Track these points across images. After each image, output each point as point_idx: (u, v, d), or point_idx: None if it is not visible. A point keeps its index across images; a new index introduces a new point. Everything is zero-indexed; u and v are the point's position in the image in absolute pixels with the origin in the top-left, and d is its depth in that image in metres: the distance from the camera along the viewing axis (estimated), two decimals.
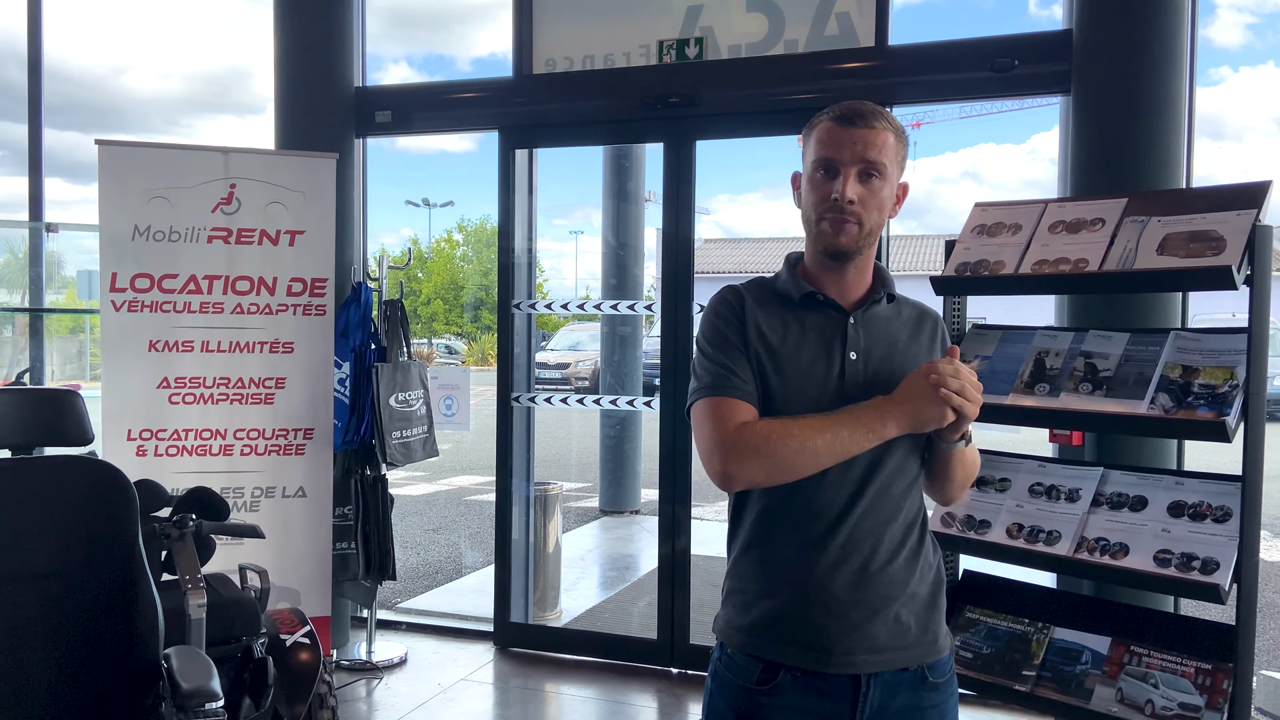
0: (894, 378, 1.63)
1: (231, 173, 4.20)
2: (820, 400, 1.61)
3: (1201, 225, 2.51)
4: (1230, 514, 2.47)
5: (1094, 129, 3.61)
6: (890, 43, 4.06)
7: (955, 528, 2.85)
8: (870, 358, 1.64)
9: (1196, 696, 2.45)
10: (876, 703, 1.61)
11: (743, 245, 32.58)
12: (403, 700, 4.13)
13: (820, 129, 1.63)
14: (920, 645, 1.64)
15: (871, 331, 1.66)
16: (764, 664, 1.63)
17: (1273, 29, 55.38)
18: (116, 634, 2.33)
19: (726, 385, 1.60)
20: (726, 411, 1.59)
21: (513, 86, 4.62)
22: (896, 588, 1.62)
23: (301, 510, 4.28)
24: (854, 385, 1.62)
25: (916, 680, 1.64)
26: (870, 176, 1.60)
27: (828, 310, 1.66)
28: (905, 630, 1.62)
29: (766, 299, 1.69)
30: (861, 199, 1.59)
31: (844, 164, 1.59)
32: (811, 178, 1.63)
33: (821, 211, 1.61)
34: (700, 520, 4.59)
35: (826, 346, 1.64)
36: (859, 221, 1.60)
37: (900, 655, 1.62)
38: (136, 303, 4.10)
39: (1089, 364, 2.70)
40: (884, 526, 1.62)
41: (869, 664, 1.60)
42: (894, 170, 1.63)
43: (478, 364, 25.35)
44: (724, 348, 1.63)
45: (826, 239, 1.62)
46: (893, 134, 1.62)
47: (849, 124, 1.59)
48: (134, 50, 69.99)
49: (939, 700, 1.67)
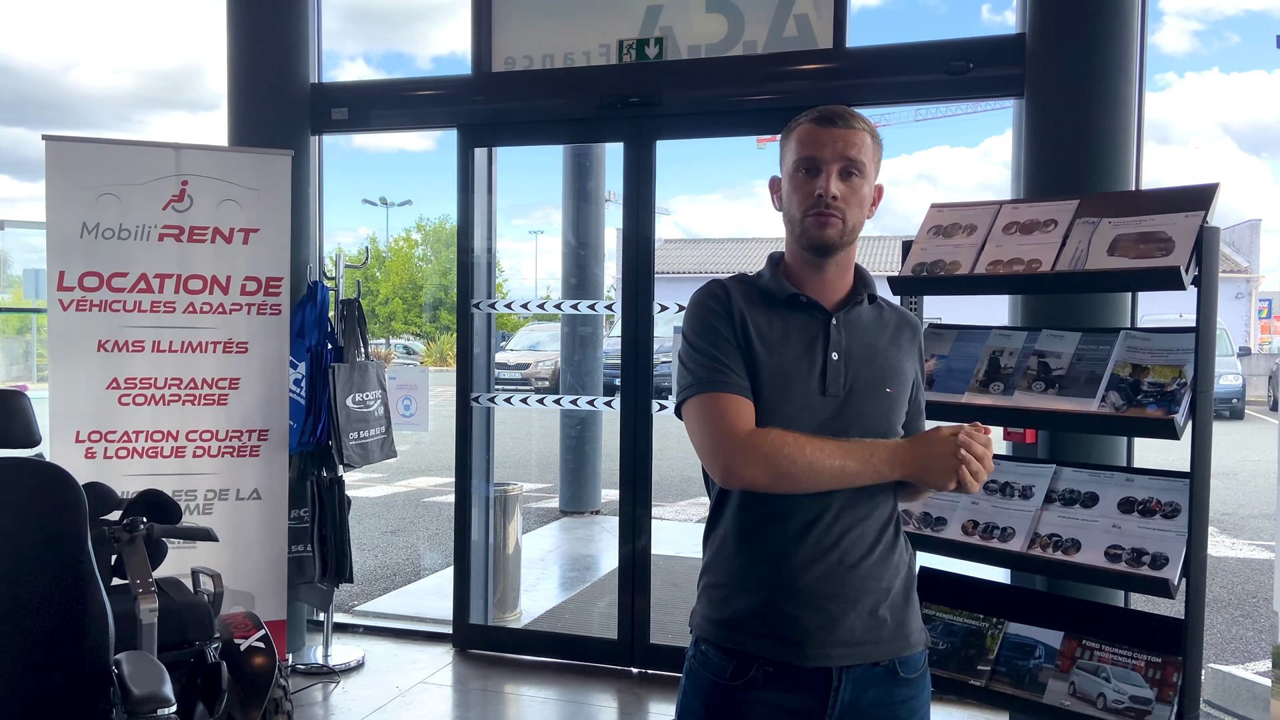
0: (874, 378, 1.67)
1: (183, 169, 4.13)
2: (802, 398, 1.63)
3: (1151, 226, 2.56)
4: (1179, 510, 2.52)
5: (1046, 131, 3.66)
6: (848, 45, 4.09)
7: (912, 525, 2.88)
8: (851, 358, 1.67)
9: (1147, 689, 2.50)
10: (848, 697, 1.63)
11: (702, 245, 32.71)
12: (360, 704, 4.09)
13: (801, 130, 1.67)
14: (895, 639, 1.67)
15: (853, 332, 1.69)
16: (737, 659, 1.65)
17: (1217, 36, 56.64)
18: (66, 639, 2.28)
19: (724, 381, 1.62)
20: (731, 410, 1.60)
21: (472, 84, 4.60)
22: (872, 582, 1.65)
23: (256, 513, 4.22)
24: (835, 384, 1.65)
25: (888, 675, 1.66)
26: (851, 174, 1.64)
27: (811, 310, 1.69)
28: (881, 624, 1.65)
29: (751, 296, 1.71)
30: (844, 195, 1.64)
31: (826, 162, 1.63)
32: (794, 177, 1.67)
33: (806, 208, 1.65)
34: (661, 520, 4.60)
35: (809, 346, 1.66)
36: (842, 217, 1.64)
37: (874, 649, 1.64)
38: (85, 302, 4.02)
39: (1042, 363, 2.75)
40: (861, 522, 1.64)
41: (842, 657, 1.62)
42: (872, 170, 1.68)
43: (436, 364, 25.18)
44: (715, 340, 1.65)
45: (811, 233, 1.65)
46: (869, 135, 1.67)
47: (829, 124, 1.64)
48: (84, 46, 68.74)
49: (910, 695, 1.69)
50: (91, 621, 2.31)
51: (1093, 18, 3.59)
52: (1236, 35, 55.03)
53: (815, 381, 1.64)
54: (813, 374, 1.64)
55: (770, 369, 1.64)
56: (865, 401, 1.66)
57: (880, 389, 1.68)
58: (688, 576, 1.80)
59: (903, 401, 1.72)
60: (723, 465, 1.60)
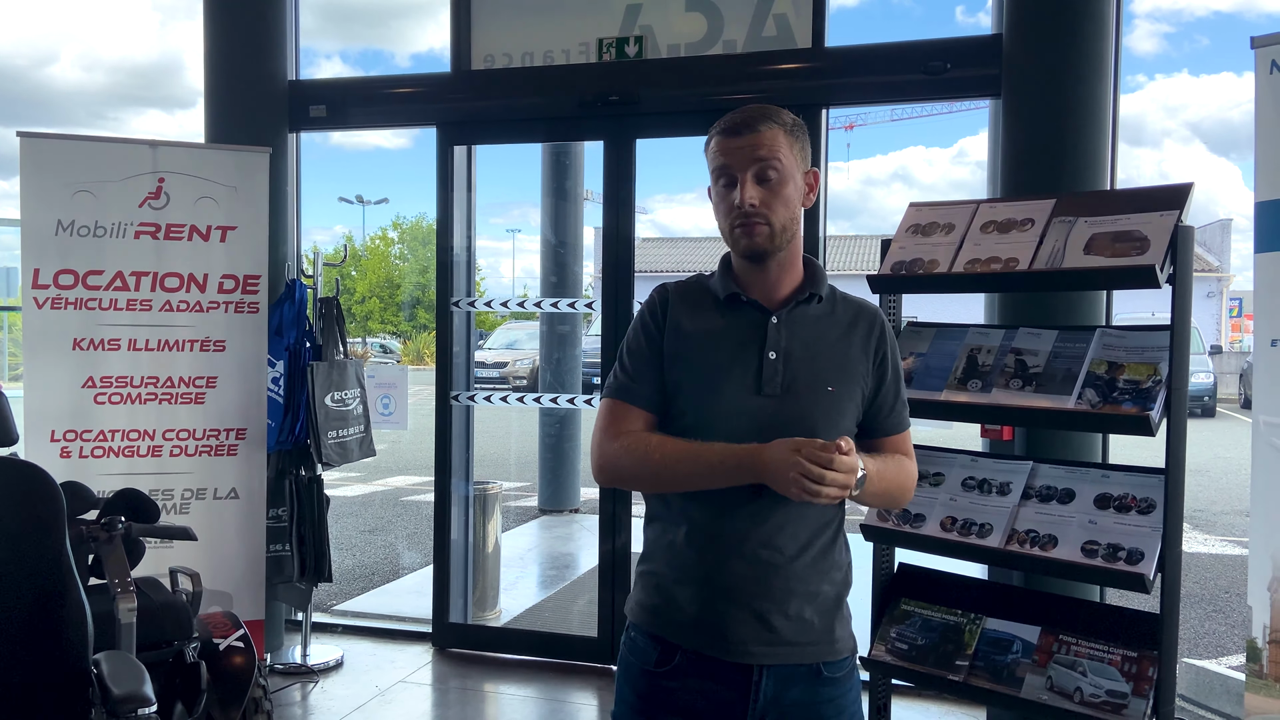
0: (816, 376, 1.66)
1: (160, 166, 4.09)
2: (736, 398, 1.64)
3: (1126, 225, 2.59)
4: (1154, 506, 2.55)
5: (1023, 131, 3.70)
6: (827, 44, 4.11)
7: (891, 522, 2.90)
8: (790, 357, 1.66)
9: (1123, 684, 2.53)
10: (770, 694, 1.64)
11: (680, 244, 32.75)
12: (339, 703, 4.07)
13: (713, 144, 1.68)
14: (822, 644, 1.67)
15: (794, 331, 1.68)
16: (662, 646, 1.67)
17: (1187, 38, 57.29)
18: (44, 639, 2.27)
19: (626, 391, 1.71)
20: (618, 416, 1.70)
21: (451, 82, 4.58)
22: (800, 583, 1.64)
23: (234, 512, 4.19)
24: (770, 383, 1.64)
25: (812, 675, 1.66)
26: (768, 177, 1.63)
27: (751, 310, 1.70)
28: (807, 627, 1.65)
29: (694, 297, 1.74)
30: (764, 200, 1.63)
31: (738, 169, 1.64)
32: (716, 189, 1.70)
33: (731, 220, 1.66)
34: (640, 518, 4.60)
35: (743, 345, 1.67)
36: (767, 222, 1.64)
37: (798, 650, 1.65)
38: (60, 300, 3.98)
39: (1019, 360, 2.77)
40: (791, 522, 1.64)
41: (764, 656, 1.63)
42: (792, 163, 1.66)
43: (414, 363, 25.08)
44: (636, 354, 1.72)
45: (741, 244, 1.67)
46: (782, 130, 1.65)
47: (735, 134, 1.65)
48: (58, 42, 67.97)
49: (837, 695, 1.69)
50: (70, 621, 2.29)
51: (1068, 19, 3.62)
52: (1206, 38, 55.74)
53: (750, 380, 1.64)
54: (747, 373, 1.65)
55: (702, 369, 1.66)
56: (804, 401, 1.64)
57: (822, 387, 1.65)
58: None
59: (850, 399, 1.68)
60: (594, 466, 1.73)
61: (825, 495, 1.49)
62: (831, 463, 1.48)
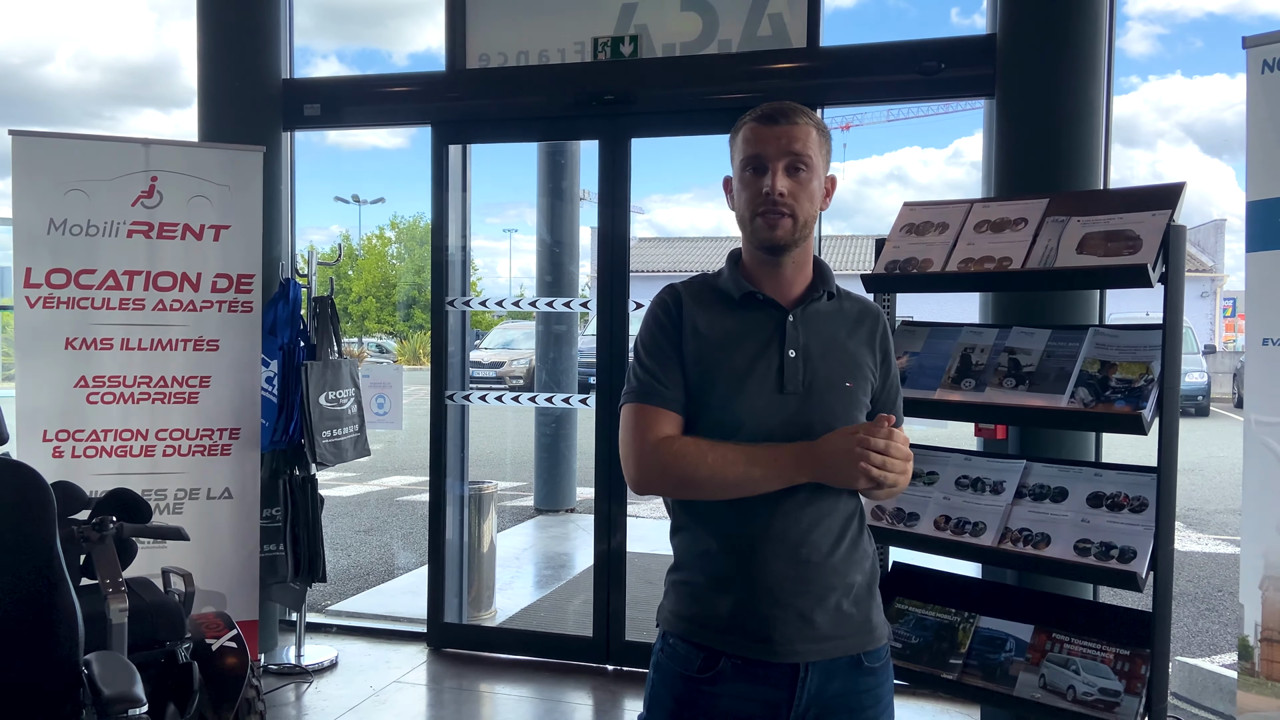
0: (834, 373, 1.66)
1: (153, 165, 4.08)
2: (760, 397, 1.63)
3: (1119, 225, 2.59)
4: (1146, 504, 2.55)
5: (1017, 131, 3.70)
6: (822, 44, 4.11)
7: (885, 520, 2.90)
8: (809, 355, 1.66)
9: (1116, 682, 2.53)
10: (814, 688, 1.64)
11: (677, 244, 32.76)
12: (334, 704, 4.06)
13: (745, 130, 1.68)
14: (861, 634, 1.68)
15: (811, 328, 1.69)
16: (706, 653, 1.66)
17: (1180, 40, 57.40)
18: (35, 639, 2.26)
19: (653, 394, 1.66)
20: (649, 421, 1.65)
21: (446, 81, 4.58)
22: (838, 577, 1.65)
23: (228, 512, 4.18)
24: (793, 381, 1.64)
25: (852, 666, 1.67)
26: (798, 170, 1.64)
27: (767, 308, 1.69)
28: (847, 619, 1.66)
29: (706, 297, 1.72)
30: (791, 191, 1.63)
31: (771, 159, 1.63)
32: (741, 177, 1.68)
33: (755, 208, 1.65)
34: (636, 518, 4.60)
35: (765, 345, 1.66)
36: (792, 214, 1.64)
37: (841, 644, 1.66)
38: (52, 299, 3.97)
39: (1012, 360, 2.78)
40: (824, 518, 1.65)
41: (810, 653, 1.63)
42: (819, 163, 1.67)
43: (409, 363, 25.05)
44: (657, 355, 1.68)
45: (762, 234, 1.66)
46: (815, 129, 1.67)
47: (772, 122, 1.64)
48: (53, 41, 67.85)
49: (874, 684, 1.70)
50: (61, 622, 2.28)
51: (1062, 20, 3.63)
52: (1199, 40, 55.84)
53: (773, 379, 1.64)
54: (770, 372, 1.65)
55: (724, 370, 1.65)
56: (826, 397, 1.66)
57: (840, 384, 1.67)
58: (662, 574, 1.81)
59: (864, 394, 1.71)
60: (629, 473, 1.68)
61: (891, 475, 1.53)
62: (890, 441, 1.52)
